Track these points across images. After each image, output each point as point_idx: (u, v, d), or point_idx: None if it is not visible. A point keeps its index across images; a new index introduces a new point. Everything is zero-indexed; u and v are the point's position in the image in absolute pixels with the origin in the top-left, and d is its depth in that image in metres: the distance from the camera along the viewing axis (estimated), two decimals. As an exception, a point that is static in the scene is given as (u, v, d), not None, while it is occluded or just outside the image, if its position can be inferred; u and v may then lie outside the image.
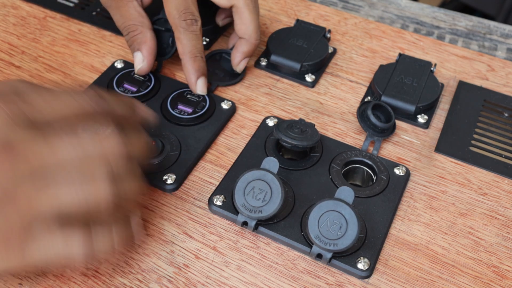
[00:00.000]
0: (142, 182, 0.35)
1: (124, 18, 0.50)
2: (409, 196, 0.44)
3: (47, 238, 0.32)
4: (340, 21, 0.62)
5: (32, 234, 0.31)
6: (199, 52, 0.49)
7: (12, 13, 0.61)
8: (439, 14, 0.65)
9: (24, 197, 0.31)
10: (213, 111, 0.49)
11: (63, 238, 0.32)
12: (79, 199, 0.31)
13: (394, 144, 0.48)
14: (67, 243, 0.32)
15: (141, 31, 0.50)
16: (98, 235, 0.33)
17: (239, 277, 0.39)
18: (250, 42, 0.51)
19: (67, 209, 0.31)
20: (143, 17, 0.51)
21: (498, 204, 0.44)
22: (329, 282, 0.39)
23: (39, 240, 0.31)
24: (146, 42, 0.50)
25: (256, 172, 0.39)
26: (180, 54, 0.49)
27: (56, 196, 0.31)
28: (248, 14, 0.50)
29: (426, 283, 0.39)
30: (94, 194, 0.32)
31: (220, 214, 0.42)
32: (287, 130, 0.44)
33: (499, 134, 0.50)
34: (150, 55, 0.50)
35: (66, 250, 0.32)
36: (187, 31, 0.48)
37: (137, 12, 0.50)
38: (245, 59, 0.52)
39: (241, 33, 0.51)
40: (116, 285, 0.38)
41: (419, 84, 0.51)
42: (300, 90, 0.53)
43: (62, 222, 0.32)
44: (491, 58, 0.58)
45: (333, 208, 0.37)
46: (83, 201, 0.31)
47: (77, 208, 0.31)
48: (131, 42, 0.51)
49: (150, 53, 0.50)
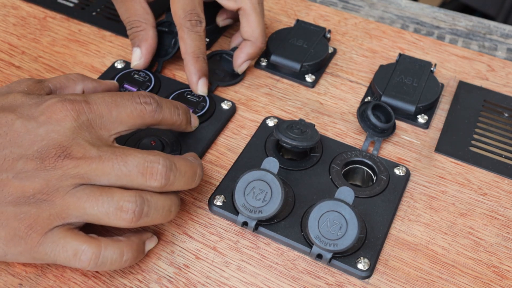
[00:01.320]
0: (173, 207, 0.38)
1: (129, 12, 0.51)
2: (409, 196, 0.44)
3: (61, 240, 0.34)
4: (340, 21, 0.62)
5: (50, 234, 0.34)
6: (202, 53, 0.49)
7: (12, 13, 0.61)
8: (439, 14, 0.65)
9: (61, 201, 0.34)
10: (213, 111, 0.49)
11: (73, 250, 0.34)
12: (105, 206, 0.34)
13: (394, 144, 0.49)
14: (77, 255, 0.34)
15: (144, 28, 0.50)
16: (107, 249, 0.35)
17: (239, 277, 0.39)
18: (256, 45, 0.51)
19: (90, 212, 0.34)
20: (148, 14, 0.51)
21: (498, 204, 0.44)
22: (329, 282, 0.39)
23: (53, 240, 0.34)
24: (147, 40, 0.50)
25: (256, 172, 0.39)
26: (183, 54, 0.49)
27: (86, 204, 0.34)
28: (255, 17, 0.50)
29: (426, 283, 0.39)
30: (119, 203, 0.34)
31: (220, 214, 0.42)
32: (287, 131, 0.44)
33: (499, 134, 0.50)
34: (149, 53, 0.51)
35: (74, 259, 0.34)
36: (191, 31, 0.48)
37: (142, 8, 0.51)
38: (247, 61, 0.52)
39: (247, 36, 0.51)
40: (116, 285, 0.38)
41: (419, 84, 0.51)
42: (300, 90, 0.53)
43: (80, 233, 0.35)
44: (491, 58, 0.58)
45: (333, 208, 0.37)
46: (106, 208, 0.34)
47: (100, 212, 0.34)
48: (133, 37, 0.51)
49: (149, 51, 0.51)
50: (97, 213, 0.34)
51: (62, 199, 0.34)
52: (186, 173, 0.37)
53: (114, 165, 0.34)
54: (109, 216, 0.34)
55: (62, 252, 0.34)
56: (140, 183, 0.35)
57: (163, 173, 0.35)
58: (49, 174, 0.34)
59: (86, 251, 0.34)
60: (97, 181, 0.34)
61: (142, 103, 0.38)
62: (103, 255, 0.35)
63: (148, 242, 0.39)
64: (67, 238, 0.34)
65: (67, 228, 0.35)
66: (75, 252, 0.34)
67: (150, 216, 0.35)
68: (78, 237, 0.34)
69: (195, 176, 0.38)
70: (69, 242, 0.34)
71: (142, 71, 0.53)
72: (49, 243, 0.34)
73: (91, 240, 0.35)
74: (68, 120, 0.35)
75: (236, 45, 0.55)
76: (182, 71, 0.55)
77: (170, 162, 0.36)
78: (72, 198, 0.34)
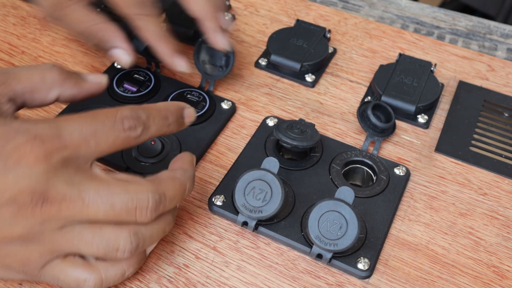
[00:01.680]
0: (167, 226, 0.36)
1: (77, 22, 0.47)
2: (409, 196, 0.44)
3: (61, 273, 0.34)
4: (340, 21, 0.62)
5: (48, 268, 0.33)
6: (165, 33, 0.47)
7: (12, 13, 0.61)
8: (439, 14, 0.65)
9: (49, 241, 0.32)
10: (213, 111, 0.49)
11: (73, 272, 0.34)
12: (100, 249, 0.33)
13: (394, 144, 0.48)
14: (80, 285, 0.34)
15: (101, 27, 0.47)
16: (108, 272, 0.34)
17: (239, 277, 0.39)
18: (208, 17, 0.47)
19: (85, 253, 0.33)
20: (95, 13, 0.47)
21: (498, 204, 0.44)
22: (329, 282, 0.39)
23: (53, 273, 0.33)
24: (116, 35, 0.47)
25: (256, 172, 0.39)
26: (148, 40, 0.47)
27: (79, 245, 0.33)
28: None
29: (426, 283, 0.39)
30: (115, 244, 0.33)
31: (220, 214, 0.42)
32: (287, 131, 0.43)
33: (499, 134, 0.50)
34: (128, 44, 0.48)
35: (75, 283, 0.34)
36: (147, 16, 0.46)
37: (87, 10, 0.47)
38: (219, 34, 0.48)
39: (198, 14, 0.48)
40: (116, 285, 0.38)
41: (419, 84, 0.51)
42: (300, 90, 0.53)
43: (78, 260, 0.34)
44: (491, 58, 0.58)
45: (333, 208, 0.37)
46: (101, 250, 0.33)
47: (95, 254, 0.33)
48: (98, 42, 0.47)
49: (127, 41, 0.48)
50: (93, 253, 0.33)
51: (51, 240, 0.32)
52: (176, 196, 0.35)
53: (100, 208, 0.32)
54: (106, 255, 0.33)
55: (65, 283, 0.34)
56: (129, 220, 0.32)
57: (153, 209, 0.33)
58: (29, 222, 0.31)
59: (88, 280, 0.33)
60: (81, 221, 0.32)
61: (126, 129, 0.33)
62: (106, 279, 0.34)
63: (148, 248, 0.38)
64: (66, 271, 0.33)
65: (62, 259, 0.33)
66: (77, 282, 0.33)
67: (145, 245, 0.34)
68: (77, 266, 0.33)
69: (184, 194, 0.36)
70: (69, 274, 0.33)
71: (142, 71, 0.53)
72: (49, 276, 0.33)
73: (91, 267, 0.34)
74: (40, 163, 0.30)
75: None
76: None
77: (159, 195, 0.33)
78: (62, 239, 0.32)
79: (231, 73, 0.54)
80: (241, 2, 0.64)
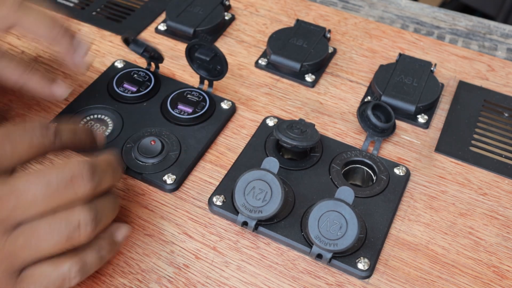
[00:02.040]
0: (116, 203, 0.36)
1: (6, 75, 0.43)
2: (409, 196, 0.44)
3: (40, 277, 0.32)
4: (340, 21, 0.62)
5: (24, 282, 0.32)
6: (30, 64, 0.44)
7: (12, 13, 0.61)
8: (439, 14, 0.65)
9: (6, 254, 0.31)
10: (213, 111, 0.49)
11: (54, 269, 0.32)
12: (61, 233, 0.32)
13: (394, 144, 0.48)
14: (59, 273, 0.32)
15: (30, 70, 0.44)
16: (85, 256, 0.34)
17: (239, 277, 0.39)
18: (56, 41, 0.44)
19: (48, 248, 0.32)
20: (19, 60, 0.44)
21: (498, 204, 0.44)
22: (329, 282, 0.39)
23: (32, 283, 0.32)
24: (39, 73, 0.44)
25: (256, 172, 0.39)
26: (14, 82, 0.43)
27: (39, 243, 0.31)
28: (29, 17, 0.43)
29: (426, 283, 0.39)
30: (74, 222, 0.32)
31: (220, 214, 0.42)
32: (287, 131, 0.43)
33: (499, 134, 0.50)
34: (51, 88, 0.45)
35: (60, 277, 0.33)
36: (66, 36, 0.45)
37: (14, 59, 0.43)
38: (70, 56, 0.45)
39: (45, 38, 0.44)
40: (116, 285, 0.38)
41: (419, 84, 0.51)
42: (300, 90, 0.53)
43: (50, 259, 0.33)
44: (491, 58, 0.58)
45: (333, 208, 0.37)
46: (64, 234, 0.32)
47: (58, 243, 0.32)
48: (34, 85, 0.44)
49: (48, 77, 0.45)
50: (56, 243, 0.32)
51: (4, 252, 0.31)
52: (108, 168, 0.35)
53: (36, 191, 0.31)
54: (70, 237, 0.32)
55: (50, 285, 0.32)
56: (71, 194, 0.32)
57: (89, 176, 0.33)
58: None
59: (71, 267, 0.33)
60: (26, 216, 0.31)
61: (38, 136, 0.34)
62: (87, 262, 0.34)
63: (118, 232, 0.37)
64: (44, 273, 0.32)
65: (33, 266, 0.32)
66: (63, 276, 0.32)
67: (103, 220, 0.34)
68: (53, 262, 0.32)
69: (119, 168, 0.36)
70: (49, 273, 0.32)
71: (142, 71, 0.53)
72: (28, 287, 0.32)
73: (67, 256, 0.33)
74: None
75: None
76: (182, 71, 0.55)
77: (89, 164, 0.33)
78: (15, 246, 0.31)
79: (231, 73, 0.55)
80: (241, 2, 0.64)
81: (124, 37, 0.49)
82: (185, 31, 0.57)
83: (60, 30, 0.44)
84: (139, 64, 0.55)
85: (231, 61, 0.56)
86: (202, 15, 0.58)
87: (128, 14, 0.62)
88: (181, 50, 0.57)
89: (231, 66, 0.55)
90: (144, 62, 0.55)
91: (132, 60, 0.55)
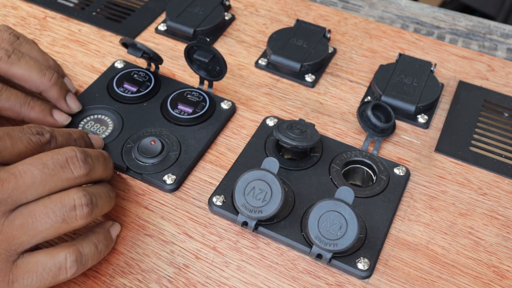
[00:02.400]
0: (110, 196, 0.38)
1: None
2: (409, 196, 0.44)
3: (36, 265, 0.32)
4: (340, 21, 0.62)
5: (19, 270, 0.32)
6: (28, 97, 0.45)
7: (12, 13, 0.61)
8: (439, 14, 0.65)
9: (4, 236, 0.32)
10: (213, 111, 0.49)
11: (50, 258, 0.33)
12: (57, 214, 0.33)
13: (394, 144, 0.48)
14: (55, 261, 0.33)
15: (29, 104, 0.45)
16: (82, 246, 0.35)
17: (239, 277, 0.39)
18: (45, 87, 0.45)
19: (44, 230, 0.32)
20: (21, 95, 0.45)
21: (498, 204, 0.44)
22: (329, 282, 0.39)
23: (28, 271, 0.32)
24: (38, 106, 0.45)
25: (256, 172, 0.39)
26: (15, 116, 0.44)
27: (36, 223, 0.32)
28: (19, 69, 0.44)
29: (426, 283, 0.39)
30: (70, 203, 0.33)
31: (220, 214, 0.42)
32: (287, 131, 0.43)
33: (499, 134, 0.50)
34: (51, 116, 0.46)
35: (55, 266, 0.33)
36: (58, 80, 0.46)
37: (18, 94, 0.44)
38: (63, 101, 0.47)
39: (35, 88, 0.45)
40: (116, 285, 0.38)
41: (419, 84, 0.51)
42: (300, 90, 0.53)
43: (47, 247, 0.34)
44: (491, 58, 0.58)
45: (333, 208, 0.37)
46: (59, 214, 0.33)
47: (54, 223, 0.33)
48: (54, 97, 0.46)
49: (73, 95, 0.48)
50: (52, 225, 0.32)
51: (2, 234, 0.31)
52: (99, 156, 0.37)
53: (34, 172, 0.32)
54: (67, 220, 0.33)
55: (45, 273, 0.32)
56: (67, 174, 0.34)
57: (83, 158, 0.35)
58: None
59: (68, 256, 0.33)
60: (25, 198, 0.32)
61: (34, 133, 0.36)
62: (83, 253, 0.34)
63: (112, 229, 0.39)
64: (40, 261, 0.32)
65: (29, 253, 0.33)
66: (59, 265, 0.33)
67: (99, 205, 0.35)
68: (49, 251, 0.33)
69: (110, 160, 0.39)
70: (46, 261, 0.33)
71: (142, 71, 0.53)
72: (23, 276, 0.32)
73: (64, 245, 0.34)
74: None
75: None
76: (182, 71, 0.55)
77: (82, 150, 0.36)
78: (13, 226, 0.32)
79: (231, 73, 0.55)
80: (241, 2, 0.64)
81: (122, 41, 0.49)
82: (185, 31, 0.57)
83: (50, 79, 0.45)
84: (139, 64, 0.55)
85: (231, 61, 0.56)
86: (202, 15, 0.59)
87: (128, 14, 0.62)
88: (181, 50, 0.57)
89: (231, 66, 0.55)
90: (144, 62, 0.55)
91: (132, 61, 0.55)
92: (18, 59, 0.44)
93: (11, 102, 0.43)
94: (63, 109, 0.47)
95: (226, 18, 0.61)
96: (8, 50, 0.44)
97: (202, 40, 0.47)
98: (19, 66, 0.44)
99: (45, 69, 0.45)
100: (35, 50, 0.48)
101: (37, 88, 0.45)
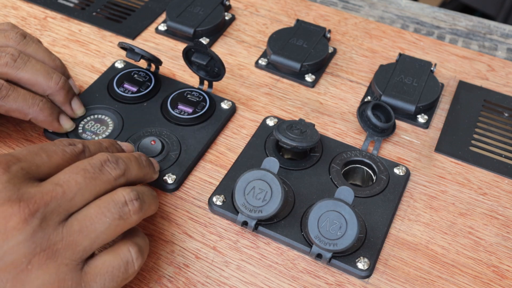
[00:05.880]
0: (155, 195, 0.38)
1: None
2: (409, 196, 0.44)
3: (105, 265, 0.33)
4: (340, 21, 0.62)
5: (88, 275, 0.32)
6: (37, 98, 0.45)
7: (13, 14, 0.61)
8: (439, 14, 0.65)
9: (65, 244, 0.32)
10: (213, 111, 0.49)
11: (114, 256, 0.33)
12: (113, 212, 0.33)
13: (394, 144, 0.49)
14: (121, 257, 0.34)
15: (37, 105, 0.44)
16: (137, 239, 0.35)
17: (239, 277, 0.39)
18: (52, 91, 0.45)
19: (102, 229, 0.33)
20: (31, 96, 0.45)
21: (498, 204, 0.44)
22: (329, 282, 0.39)
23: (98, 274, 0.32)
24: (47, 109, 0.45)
25: (256, 172, 0.39)
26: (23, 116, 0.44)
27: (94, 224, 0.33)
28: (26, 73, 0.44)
29: (426, 283, 0.39)
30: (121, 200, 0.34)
31: (220, 214, 0.42)
32: (286, 131, 0.44)
33: (499, 134, 0.50)
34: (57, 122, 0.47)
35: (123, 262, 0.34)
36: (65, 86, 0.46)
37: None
38: (68, 105, 0.47)
39: (42, 92, 0.45)
40: (116, 285, 0.38)
41: (419, 84, 0.51)
42: (300, 90, 0.53)
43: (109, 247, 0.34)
44: (491, 58, 0.58)
45: (333, 208, 0.37)
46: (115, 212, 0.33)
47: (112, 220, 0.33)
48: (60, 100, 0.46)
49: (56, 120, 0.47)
50: (111, 223, 0.33)
51: (63, 242, 0.31)
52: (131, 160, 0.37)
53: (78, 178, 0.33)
54: (123, 217, 0.33)
55: (116, 270, 0.33)
56: (106, 176, 0.35)
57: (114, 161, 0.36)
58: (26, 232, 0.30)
59: (131, 250, 0.34)
60: (74, 205, 0.33)
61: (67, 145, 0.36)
62: (139, 244, 0.35)
63: None
64: (108, 260, 0.33)
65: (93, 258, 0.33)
66: (126, 260, 0.33)
67: (146, 201, 0.36)
68: (112, 249, 0.34)
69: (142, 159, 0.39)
70: (113, 259, 0.33)
71: (142, 71, 0.53)
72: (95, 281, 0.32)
73: (121, 241, 0.34)
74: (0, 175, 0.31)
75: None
76: (182, 71, 0.55)
77: (112, 155, 0.36)
78: (73, 232, 0.32)
79: (231, 73, 0.55)
80: (241, 2, 0.64)
81: (121, 45, 0.49)
82: (185, 31, 0.57)
83: (57, 83, 0.45)
84: (139, 64, 0.55)
85: (231, 61, 0.56)
86: (202, 15, 0.59)
87: (128, 14, 0.62)
88: (181, 51, 0.57)
89: (231, 66, 0.55)
90: (144, 62, 0.55)
91: (132, 61, 0.55)
92: (24, 63, 0.44)
93: (18, 103, 0.43)
94: (68, 113, 0.47)
95: (226, 18, 0.61)
96: (14, 55, 0.44)
97: (199, 43, 0.47)
98: (26, 71, 0.44)
99: (52, 73, 0.45)
100: (42, 50, 0.47)
101: (44, 92, 0.45)
